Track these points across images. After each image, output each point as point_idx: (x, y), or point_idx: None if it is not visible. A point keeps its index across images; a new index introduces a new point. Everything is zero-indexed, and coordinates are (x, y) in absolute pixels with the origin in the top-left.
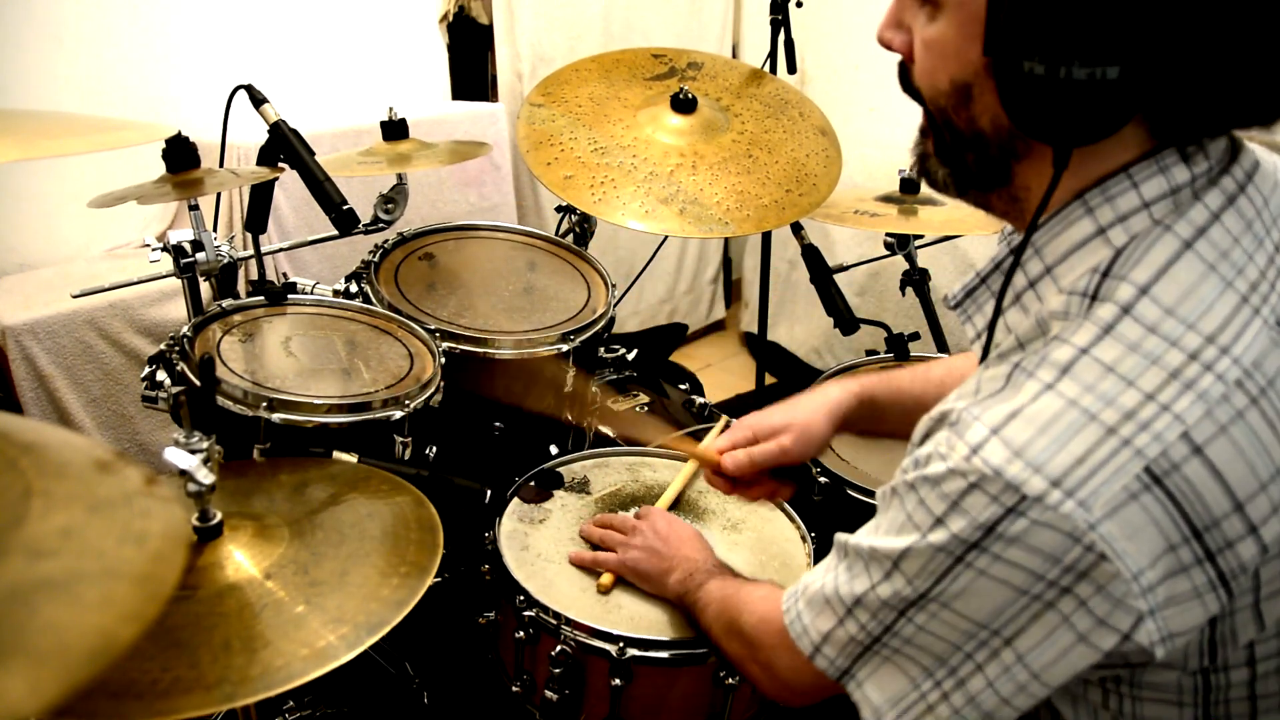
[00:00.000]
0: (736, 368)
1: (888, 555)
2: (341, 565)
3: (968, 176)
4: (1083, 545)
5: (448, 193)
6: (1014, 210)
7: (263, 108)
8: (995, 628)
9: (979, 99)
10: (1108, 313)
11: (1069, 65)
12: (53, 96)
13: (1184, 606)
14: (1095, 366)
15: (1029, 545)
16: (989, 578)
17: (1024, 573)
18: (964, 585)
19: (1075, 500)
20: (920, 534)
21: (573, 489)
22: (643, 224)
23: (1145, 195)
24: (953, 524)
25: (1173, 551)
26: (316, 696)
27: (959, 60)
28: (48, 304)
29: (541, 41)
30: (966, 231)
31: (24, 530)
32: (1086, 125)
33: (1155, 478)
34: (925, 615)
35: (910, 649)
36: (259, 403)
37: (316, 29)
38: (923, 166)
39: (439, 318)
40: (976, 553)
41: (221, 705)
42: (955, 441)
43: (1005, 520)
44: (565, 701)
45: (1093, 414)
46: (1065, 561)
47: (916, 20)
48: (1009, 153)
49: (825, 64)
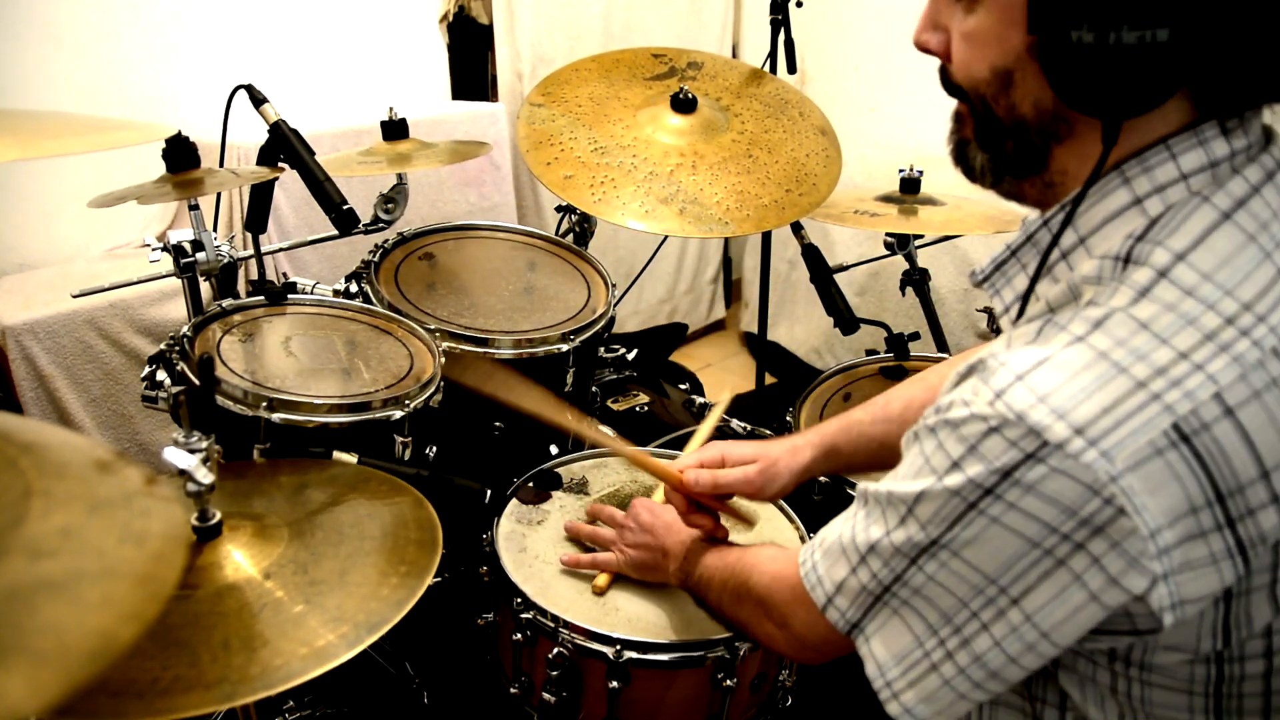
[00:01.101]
0: (736, 368)
1: (903, 499)
2: (341, 565)
3: (1005, 163)
4: (1102, 498)
5: (448, 193)
6: (1047, 196)
7: (263, 108)
8: (1004, 584)
9: (1020, 84)
10: (1144, 276)
11: (1118, 31)
12: (53, 96)
13: (1199, 573)
14: (1129, 323)
15: (1046, 494)
16: (1002, 526)
17: (1038, 524)
18: (976, 533)
19: (1098, 450)
20: (936, 477)
21: (571, 490)
22: (643, 224)
23: (1184, 167)
24: (969, 468)
25: (1194, 514)
26: (316, 696)
27: (1000, 47)
28: (48, 304)
29: (541, 41)
30: (966, 231)
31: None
32: (1137, 94)
33: (1183, 435)
34: (935, 564)
35: (918, 601)
36: (259, 403)
37: (316, 29)
38: (960, 153)
39: (439, 317)
40: (991, 499)
41: (221, 704)
42: (980, 386)
43: (1023, 466)
44: (563, 703)
45: (1123, 367)
46: (1082, 514)
47: (953, 18)
48: (1050, 136)
49: (825, 64)
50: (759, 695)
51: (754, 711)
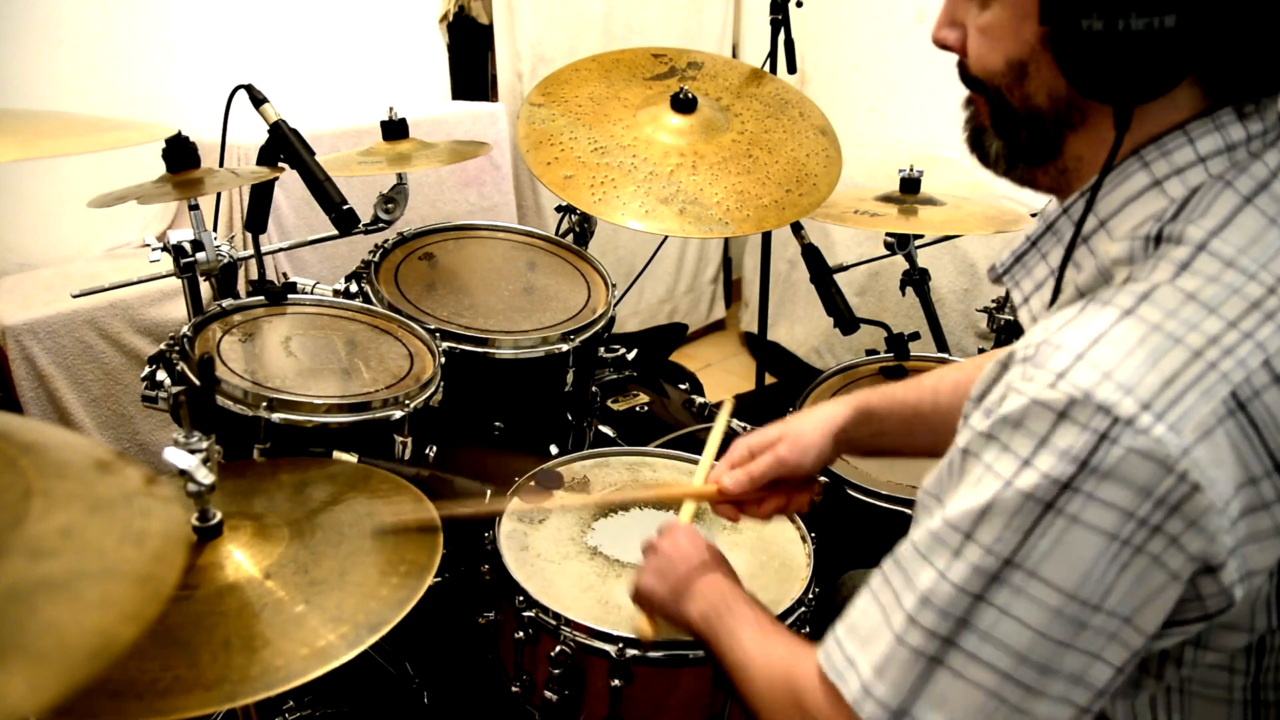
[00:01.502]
0: (736, 368)
1: (958, 524)
2: (341, 565)
3: (1020, 151)
4: (1175, 474)
5: (448, 193)
6: (1060, 182)
7: (263, 107)
8: (1085, 596)
9: (1034, 75)
10: (1181, 252)
11: (1126, 18)
12: (52, 96)
13: (1263, 544)
14: (1176, 294)
15: (1122, 477)
16: (1081, 525)
17: (1115, 513)
18: (1054, 539)
19: (1166, 424)
20: (1004, 482)
21: (573, 489)
22: (643, 224)
23: (1200, 150)
24: (1042, 462)
25: (1254, 485)
26: (316, 696)
27: (1014, 39)
28: (48, 304)
29: (541, 41)
30: (966, 231)
31: (24, 530)
32: (1146, 79)
33: (1240, 403)
34: (1008, 592)
35: (986, 649)
36: (259, 402)
37: (316, 29)
38: (976, 140)
39: (439, 317)
40: (1069, 494)
41: (222, 705)
42: (1034, 372)
43: (1100, 449)
44: (565, 702)
45: (1177, 337)
46: (1157, 493)
47: (969, 13)
48: (1064, 124)
49: (825, 64)
50: None
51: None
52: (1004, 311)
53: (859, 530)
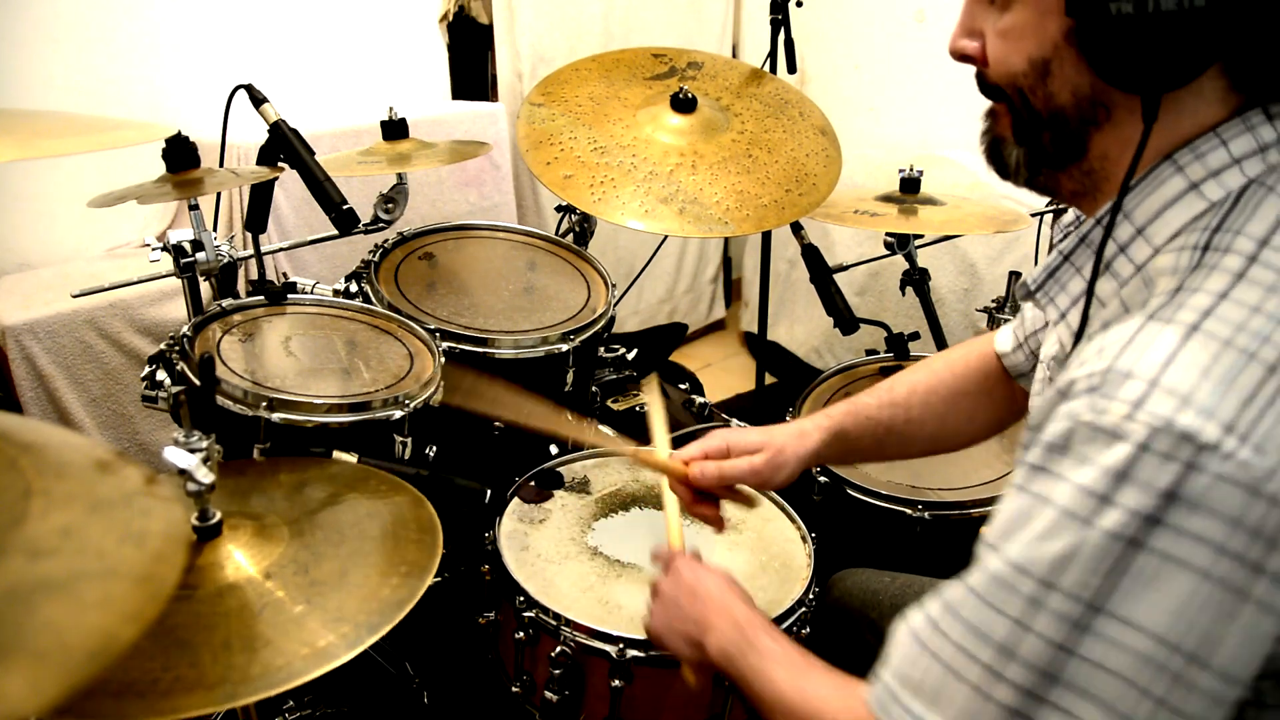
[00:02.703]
0: (736, 367)
1: (1035, 570)
2: (341, 565)
3: (1043, 156)
4: (1265, 499)
5: (448, 192)
6: (1087, 185)
7: (263, 107)
8: (1181, 642)
9: (1058, 73)
10: (1234, 262)
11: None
12: (52, 96)
13: None
14: (1240, 308)
15: (1211, 509)
16: (1173, 562)
17: (1208, 549)
18: (1145, 580)
19: (1251, 446)
20: (1083, 523)
21: (573, 489)
22: (643, 224)
23: (1234, 152)
24: (1125, 498)
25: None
26: (316, 696)
27: (1036, 38)
28: (48, 304)
29: (541, 41)
30: (966, 231)
31: (24, 530)
32: (1175, 65)
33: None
34: (1098, 643)
35: (1075, 702)
36: (259, 402)
37: (316, 29)
38: (995, 150)
39: (439, 317)
40: (1158, 530)
41: (222, 705)
42: (1105, 404)
43: (1187, 480)
44: (565, 702)
45: (1251, 352)
46: (1249, 523)
47: (988, 20)
48: (1088, 122)
49: (825, 64)
50: None
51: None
52: (1004, 312)
53: (859, 530)
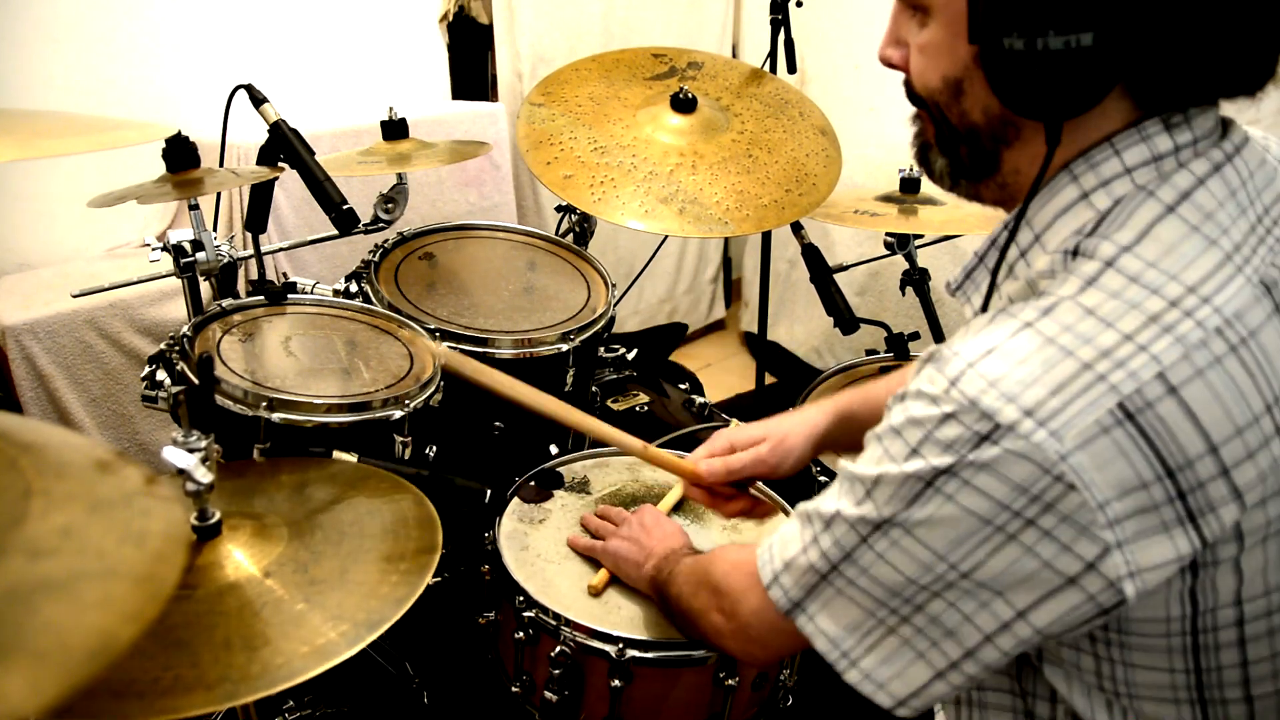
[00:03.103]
0: (736, 368)
1: (862, 480)
2: (341, 564)
3: (961, 168)
4: (1052, 475)
5: (448, 192)
6: (1003, 196)
7: (263, 107)
8: (954, 560)
9: (969, 92)
10: (1091, 267)
11: (1045, 36)
12: (52, 96)
13: (1152, 540)
14: (1076, 309)
15: (999, 473)
16: (955, 504)
17: (990, 502)
18: (930, 512)
19: (1047, 430)
20: (895, 464)
21: (573, 489)
22: (642, 224)
23: (1127, 161)
24: (927, 452)
25: (1144, 489)
26: (316, 696)
27: (949, 57)
28: (48, 304)
29: (541, 41)
30: (966, 231)
31: (24, 530)
32: (1070, 96)
33: (1128, 413)
34: (886, 542)
35: (865, 580)
36: (259, 402)
37: (316, 29)
38: (923, 156)
39: (439, 317)
40: (946, 478)
41: (223, 704)
42: (935, 375)
43: (978, 448)
44: (565, 702)
45: (1069, 350)
46: (1032, 491)
47: (911, 32)
48: (999, 140)
49: (825, 64)
50: (760, 694)
51: (755, 710)
52: None
53: None
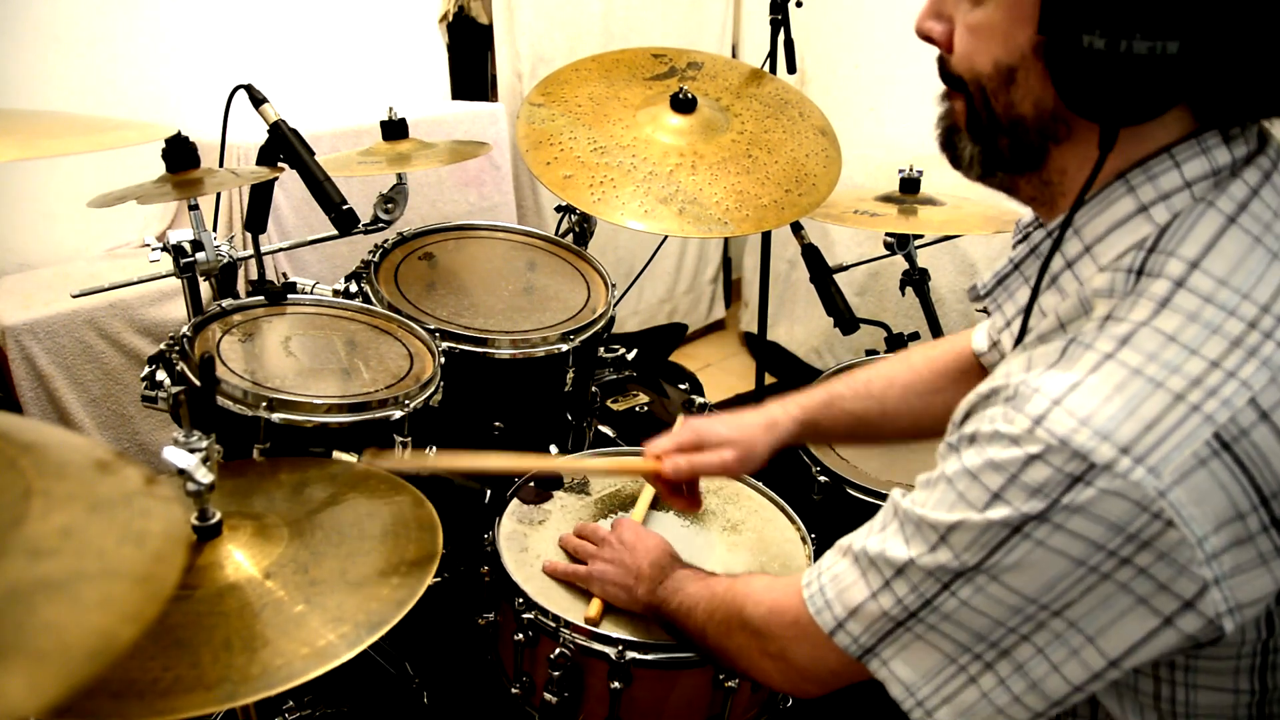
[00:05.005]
0: (736, 368)
1: (935, 527)
2: (341, 564)
3: (999, 159)
4: (1150, 513)
5: (448, 193)
6: (1043, 194)
7: (262, 107)
8: (1045, 602)
9: (1022, 82)
10: (1161, 288)
11: (1131, 39)
12: (52, 96)
13: (1251, 574)
14: (1156, 336)
15: (1094, 514)
16: (1047, 549)
17: (1084, 543)
18: (1019, 558)
19: (1145, 466)
20: (975, 510)
21: (572, 490)
22: (642, 224)
23: (1187, 175)
24: (1013, 498)
25: (1240, 519)
26: (316, 696)
27: (1005, 43)
28: (48, 304)
29: (541, 41)
30: (966, 231)
31: (24, 530)
32: (1140, 102)
33: (1224, 444)
34: (971, 589)
35: (948, 625)
36: (259, 402)
37: (316, 29)
38: (949, 139)
39: (439, 317)
40: (1036, 523)
41: (223, 704)
42: (1014, 415)
43: (1071, 490)
44: (564, 704)
45: (1159, 381)
46: (1129, 530)
47: (959, 8)
48: (1048, 136)
49: (825, 64)
50: (760, 695)
51: (755, 712)
52: None
53: None
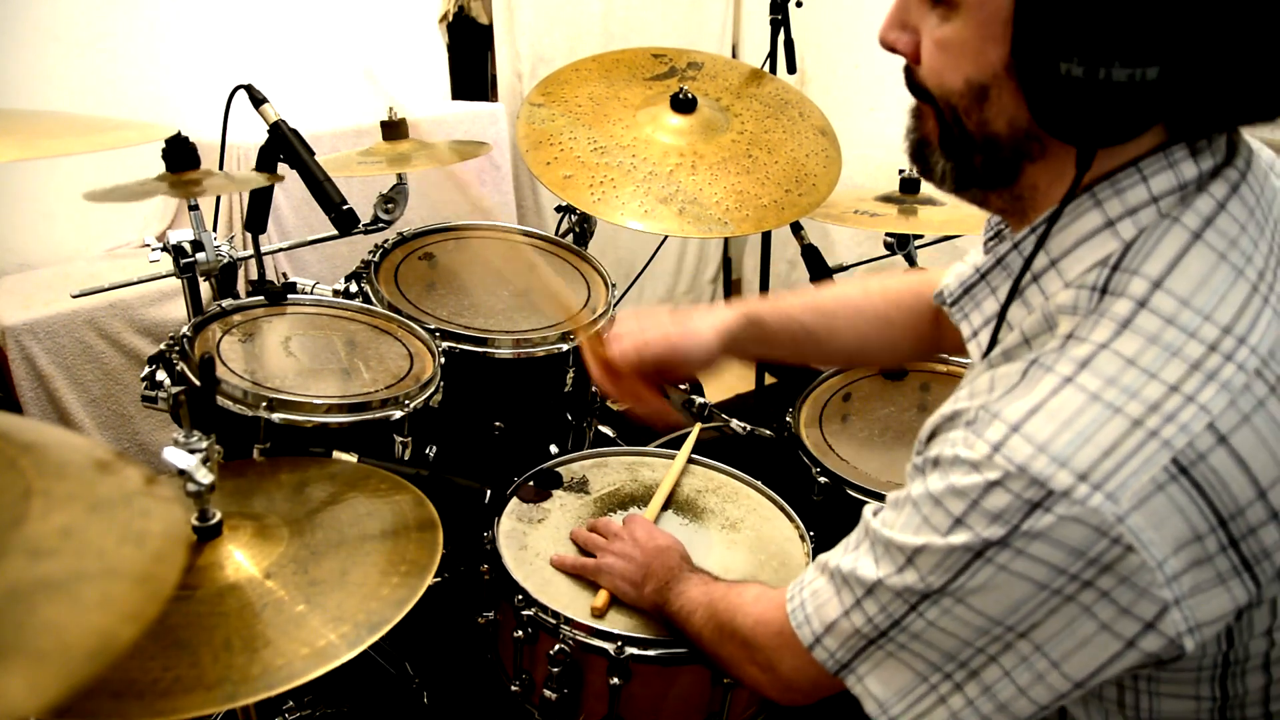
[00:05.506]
0: (736, 368)
1: (902, 549)
2: (341, 564)
3: (971, 175)
4: (1110, 538)
5: (448, 193)
6: (1014, 207)
7: (262, 107)
8: (1010, 623)
9: (995, 100)
10: (1123, 307)
11: (1110, 67)
12: (52, 96)
13: (1210, 594)
14: (1116, 360)
15: (1054, 540)
16: (1009, 573)
17: (1046, 568)
18: (982, 581)
19: (1104, 493)
20: (939, 534)
21: (572, 489)
22: (642, 224)
23: (1154, 190)
24: (974, 524)
25: (1198, 541)
26: (316, 696)
27: (976, 61)
28: (48, 304)
29: (541, 41)
30: (966, 231)
31: (24, 530)
32: (1117, 126)
33: (1182, 468)
34: (937, 610)
35: (917, 644)
36: (259, 403)
37: (316, 29)
38: (920, 152)
39: (439, 317)
40: (998, 549)
41: (223, 705)
42: (974, 440)
43: (1031, 516)
44: (564, 701)
45: (1117, 407)
46: (1090, 555)
47: (926, 21)
48: (1022, 154)
49: (825, 64)
50: (760, 696)
51: (754, 709)
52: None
53: None
